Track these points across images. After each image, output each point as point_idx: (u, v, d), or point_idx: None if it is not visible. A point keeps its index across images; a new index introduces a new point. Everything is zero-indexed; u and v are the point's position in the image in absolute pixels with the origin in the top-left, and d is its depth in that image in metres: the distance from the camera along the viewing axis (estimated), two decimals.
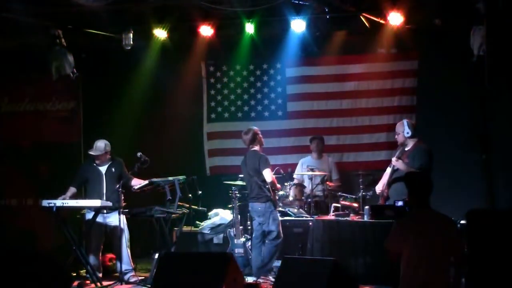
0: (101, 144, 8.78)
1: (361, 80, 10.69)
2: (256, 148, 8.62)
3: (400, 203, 7.78)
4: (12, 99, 10.98)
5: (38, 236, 10.22)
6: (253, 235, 8.62)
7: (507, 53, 6.83)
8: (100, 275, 8.57)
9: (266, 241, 8.45)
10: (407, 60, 10.47)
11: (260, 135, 8.71)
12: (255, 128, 8.76)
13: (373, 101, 10.64)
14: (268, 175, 8.41)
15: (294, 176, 9.81)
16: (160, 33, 9.94)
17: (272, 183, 8.49)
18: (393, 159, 8.25)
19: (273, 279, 8.04)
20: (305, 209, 9.32)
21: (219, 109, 11.23)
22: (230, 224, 9.33)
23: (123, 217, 8.55)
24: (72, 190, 8.70)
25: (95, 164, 8.83)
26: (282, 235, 8.53)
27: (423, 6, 9.19)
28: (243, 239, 9.09)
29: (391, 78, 10.55)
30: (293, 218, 9.17)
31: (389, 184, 8.33)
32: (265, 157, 8.52)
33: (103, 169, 8.82)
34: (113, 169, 8.83)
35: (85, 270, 8.45)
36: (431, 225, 5.33)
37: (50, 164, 10.67)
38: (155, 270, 7.26)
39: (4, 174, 10.71)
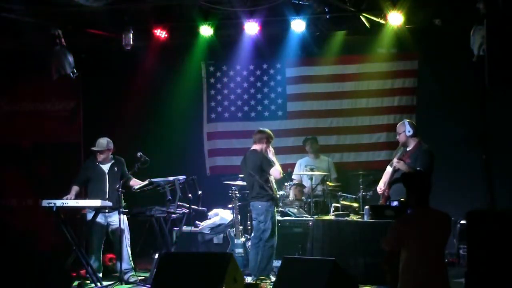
0: (103, 141, 8.79)
1: (361, 80, 10.70)
2: (257, 148, 8.60)
3: (395, 203, 7.78)
4: (12, 99, 10.98)
5: (38, 236, 10.22)
6: (253, 235, 8.60)
7: (507, 53, 6.82)
8: (100, 275, 8.57)
9: (260, 243, 8.41)
10: (407, 60, 10.48)
11: (270, 141, 8.64)
12: (269, 132, 8.69)
13: (373, 101, 10.64)
14: (275, 172, 8.41)
15: (293, 177, 9.81)
16: (160, 33, 9.93)
17: (280, 175, 8.51)
18: (395, 160, 8.22)
19: (273, 279, 8.04)
20: (305, 209, 9.32)
21: (219, 109, 11.23)
22: (230, 224, 9.33)
23: (123, 217, 8.55)
24: (76, 189, 8.68)
25: (98, 163, 8.83)
26: (276, 235, 8.51)
27: (423, 6, 9.20)
28: (243, 239, 9.09)
29: (391, 78, 10.55)
30: (293, 218, 9.17)
31: (390, 184, 8.31)
32: (266, 157, 8.52)
33: (106, 168, 8.82)
34: (116, 168, 8.84)
35: (85, 270, 8.45)
36: (430, 224, 5.32)
37: (50, 164, 10.67)
38: (155, 270, 7.26)
39: (4, 174, 10.71)
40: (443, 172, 8.61)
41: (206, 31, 9.92)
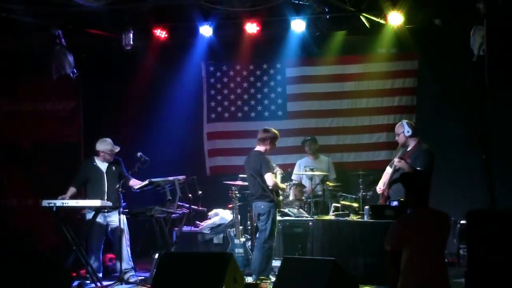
0: (111, 143, 8.82)
1: (361, 80, 10.69)
2: (261, 148, 8.54)
3: (394, 203, 7.78)
4: (12, 99, 10.98)
5: (38, 236, 10.22)
6: (257, 236, 8.55)
7: (507, 53, 6.83)
8: (100, 275, 8.58)
9: (259, 243, 8.40)
10: (407, 60, 10.47)
11: (274, 142, 8.57)
12: (276, 132, 8.62)
13: (373, 101, 10.64)
14: (269, 179, 8.29)
15: (292, 177, 9.81)
16: (160, 33, 9.93)
17: (275, 186, 8.41)
18: (396, 159, 8.21)
19: (273, 279, 8.04)
20: (305, 209, 9.32)
21: (219, 109, 11.23)
22: (230, 224, 9.33)
23: (123, 217, 8.56)
24: (72, 190, 8.67)
25: (96, 164, 8.83)
26: (275, 238, 8.48)
27: (423, 6, 9.20)
28: (243, 239, 9.09)
29: (391, 78, 10.55)
30: (293, 218, 9.16)
31: (390, 184, 8.32)
32: (267, 160, 8.41)
33: (104, 168, 8.82)
34: (114, 168, 8.84)
35: (85, 270, 8.45)
36: (430, 224, 5.33)
37: (50, 164, 10.66)
38: (155, 270, 7.27)
39: (4, 174, 10.71)
40: (443, 172, 8.62)
41: (206, 31, 9.92)
